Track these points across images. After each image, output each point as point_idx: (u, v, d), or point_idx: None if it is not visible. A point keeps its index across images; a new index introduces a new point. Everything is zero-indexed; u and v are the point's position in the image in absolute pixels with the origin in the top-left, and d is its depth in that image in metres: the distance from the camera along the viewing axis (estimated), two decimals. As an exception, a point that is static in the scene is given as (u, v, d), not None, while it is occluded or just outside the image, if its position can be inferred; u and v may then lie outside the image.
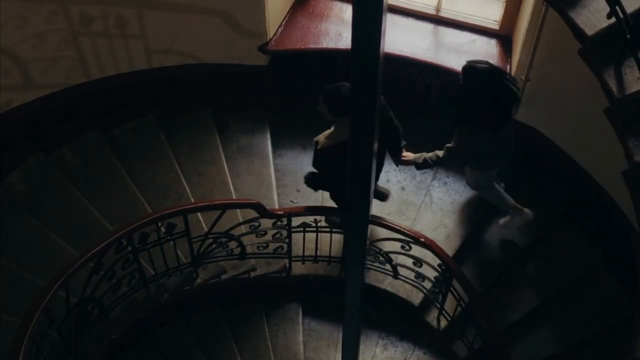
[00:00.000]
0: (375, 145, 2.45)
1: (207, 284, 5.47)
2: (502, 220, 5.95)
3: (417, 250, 5.29)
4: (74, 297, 4.73)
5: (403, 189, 6.16)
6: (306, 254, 5.54)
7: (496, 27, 6.16)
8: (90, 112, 6.22)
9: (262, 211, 5.16)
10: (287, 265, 5.63)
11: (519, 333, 5.60)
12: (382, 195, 5.66)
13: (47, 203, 5.75)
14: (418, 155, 5.36)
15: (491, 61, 5.93)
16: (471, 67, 4.95)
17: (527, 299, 5.72)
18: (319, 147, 4.89)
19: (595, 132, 4.97)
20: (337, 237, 5.35)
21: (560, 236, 5.95)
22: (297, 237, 5.40)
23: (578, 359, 5.52)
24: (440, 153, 5.32)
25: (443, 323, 5.58)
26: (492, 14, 6.17)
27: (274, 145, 6.30)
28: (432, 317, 5.65)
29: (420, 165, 5.38)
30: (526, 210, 5.77)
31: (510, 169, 6.16)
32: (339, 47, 6.11)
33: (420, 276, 5.44)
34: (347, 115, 4.52)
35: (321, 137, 4.89)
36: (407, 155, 5.37)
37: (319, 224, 5.27)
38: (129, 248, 4.96)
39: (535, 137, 6.00)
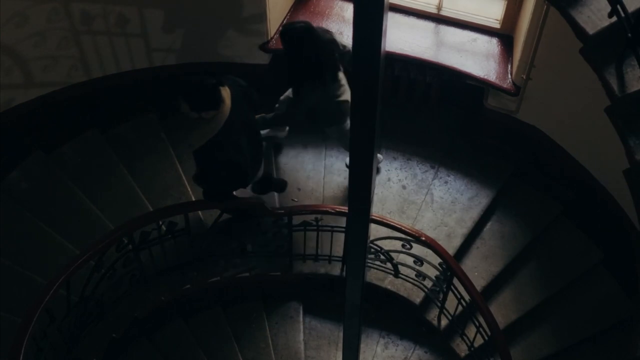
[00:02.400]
0: (375, 145, 2.45)
1: (207, 282, 5.48)
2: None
3: (418, 249, 5.30)
4: (75, 295, 4.74)
5: (404, 187, 6.16)
6: (307, 252, 5.55)
7: (497, 25, 6.16)
8: (91, 111, 6.22)
9: (263, 210, 5.17)
10: (288, 263, 5.63)
11: (519, 332, 5.60)
12: (281, 185, 5.63)
13: (47, 201, 5.75)
14: (259, 116, 5.49)
15: (492, 60, 5.96)
16: (284, 31, 5.13)
17: (527, 297, 5.72)
18: (192, 149, 4.73)
19: (596, 131, 4.97)
20: (338, 236, 5.35)
21: (560, 235, 5.96)
22: (297, 236, 5.40)
23: (578, 358, 5.52)
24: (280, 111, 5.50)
25: (444, 322, 5.58)
26: (493, 13, 6.17)
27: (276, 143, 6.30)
28: (432, 315, 5.65)
29: (261, 126, 5.52)
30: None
31: (512, 166, 6.19)
32: (340, 45, 6.10)
33: (421, 275, 5.45)
34: (212, 108, 4.46)
35: (193, 140, 4.73)
36: None
37: (319, 223, 5.27)
38: (130, 246, 4.97)
39: (536, 136, 6.01)
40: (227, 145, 4.69)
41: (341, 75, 5.36)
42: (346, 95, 5.38)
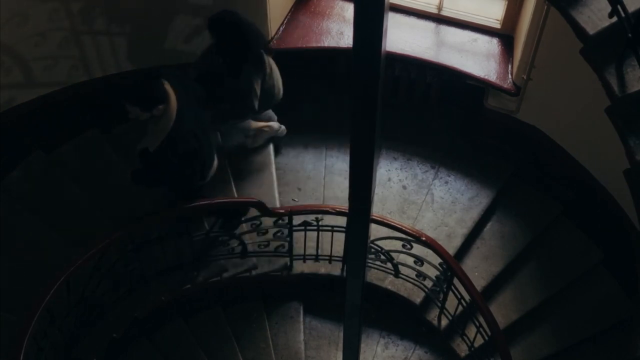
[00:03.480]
0: (376, 145, 2.45)
1: (208, 282, 5.48)
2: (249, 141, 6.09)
3: (418, 249, 5.30)
4: (75, 295, 4.74)
5: (404, 187, 6.16)
6: (307, 252, 5.55)
7: (498, 26, 6.16)
8: (92, 111, 6.22)
9: (263, 209, 5.17)
10: (288, 263, 5.63)
11: (519, 332, 5.60)
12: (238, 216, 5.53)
13: (47, 201, 5.75)
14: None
15: (493, 60, 5.96)
16: (215, 20, 5.18)
17: (527, 297, 5.72)
18: (151, 150, 4.63)
19: (596, 131, 4.97)
20: (338, 236, 5.35)
21: (560, 235, 5.96)
22: (298, 236, 5.40)
23: (578, 358, 5.52)
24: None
25: (444, 322, 5.58)
26: (493, 13, 6.17)
27: (275, 144, 6.30)
28: (433, 316, 5.65)
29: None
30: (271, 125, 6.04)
31: (512, 166, 6.18)
32: (340, 45, 6.11)
33: (421, 275, 5.45)
34: (160, 102, 4.42)
35: (150, 142, 4.65)
36: None
37: (320, 223, 5.27)
38: (130, 246, 4.97)
39: (536, 136, 6.01)
40: (183, 138, 4.68)
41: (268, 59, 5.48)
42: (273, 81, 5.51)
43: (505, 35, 6.15)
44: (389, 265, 5.46)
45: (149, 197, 5.83)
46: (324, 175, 6.19)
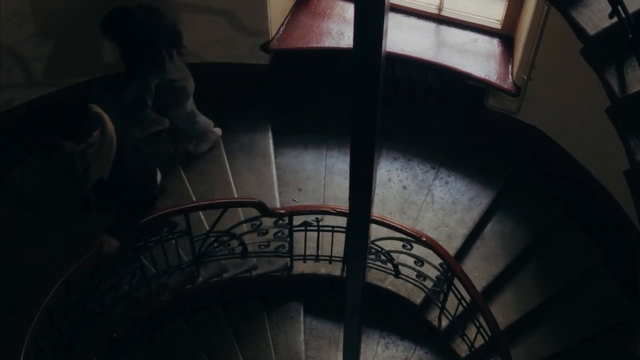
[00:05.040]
0: (376, 145, 2.45)
1: (208, 282, 5.48)
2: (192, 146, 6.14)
3: (418, 250, 5.30)
4: (75, 295, 4.74)
5: (405, 188, 6.16)
6: (307, 252, 5.55)
7: (498, 26, 6.15)
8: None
9: (264, 210, 5.17)
10: (289, 264, 5.63)
11: (519, 332, 5.60)
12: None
13: (47, 201, 5.74)
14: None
15: (493, 60, 5.95)
16: (101, 23, 5.06)
17: (528, 298, 5.72)
18: (106, 178, 4.47)
19: (597, 132, 4.97)
20: (339, 236, 5.35)
21: (560, 235, 5.96)
22: (298, 236, 5.40)
23: (578, 358, 5.52)
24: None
25: (444, 322, 5.58)
26: (494, 13, 6.17)
27: (276, 144, 6.30)
28: (433, 316, 5.65)
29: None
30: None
31: (512, 166, 6.18)
32: (340, 46, 6.10)
33: (421, 275, 5.45)
34: (94, 129, 4.23)
35: (100, 170, 4.46)
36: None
37: (320, 223, 5.27)
38: (130, 247, 4.97)
39: (536, 136, 6.01)
40: (129, 154, 4.56)
41: (176, 54, 5.39)
42: (179, 74, 5.42)
43: (505, 35, 6.15)
44: (389, 265, 5.46)
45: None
46: (324, 175, 6.19)
